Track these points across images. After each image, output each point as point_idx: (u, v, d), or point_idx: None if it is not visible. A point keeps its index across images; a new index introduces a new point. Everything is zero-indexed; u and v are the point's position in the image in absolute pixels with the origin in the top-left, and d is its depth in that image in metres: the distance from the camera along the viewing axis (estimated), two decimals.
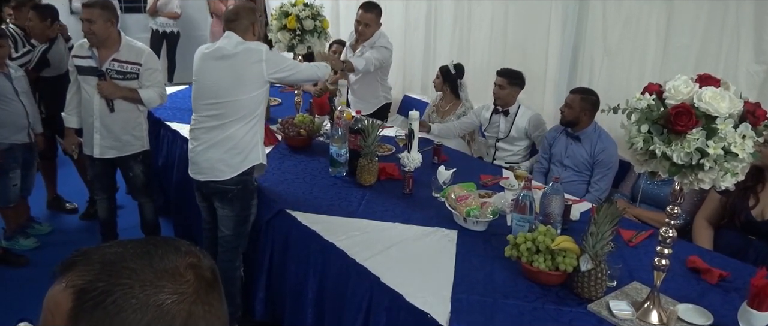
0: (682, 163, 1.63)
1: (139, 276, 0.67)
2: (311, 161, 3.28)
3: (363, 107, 4.23)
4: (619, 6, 3.59)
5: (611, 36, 3.66)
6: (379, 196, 2.84)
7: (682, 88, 1.66)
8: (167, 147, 3.83)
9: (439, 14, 4.91)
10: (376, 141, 2.92)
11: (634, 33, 3.54)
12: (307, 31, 3.49)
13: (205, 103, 2.64)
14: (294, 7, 3.51)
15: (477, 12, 4.57)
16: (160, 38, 7.38)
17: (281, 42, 3.54)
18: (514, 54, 4.30)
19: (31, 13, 3.90)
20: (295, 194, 2.82)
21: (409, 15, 5.15)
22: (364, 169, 2.92)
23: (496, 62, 4.45)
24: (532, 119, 3.83)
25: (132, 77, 3.16)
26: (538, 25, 4.08)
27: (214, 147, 2.62)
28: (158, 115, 3.94)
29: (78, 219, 4.23)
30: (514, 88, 3.82)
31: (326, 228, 2.47)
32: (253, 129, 2.65)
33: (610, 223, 1.95)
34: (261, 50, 2.58)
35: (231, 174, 2.63)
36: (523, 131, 3.85)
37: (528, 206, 2.36)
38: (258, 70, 2.57)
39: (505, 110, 3.88)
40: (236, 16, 2.66)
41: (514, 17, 4.28)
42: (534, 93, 4.11)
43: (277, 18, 3.55)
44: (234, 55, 2.57)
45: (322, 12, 3.59)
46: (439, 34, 4.95)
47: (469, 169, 3.24)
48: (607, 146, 3.36)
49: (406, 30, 5.17)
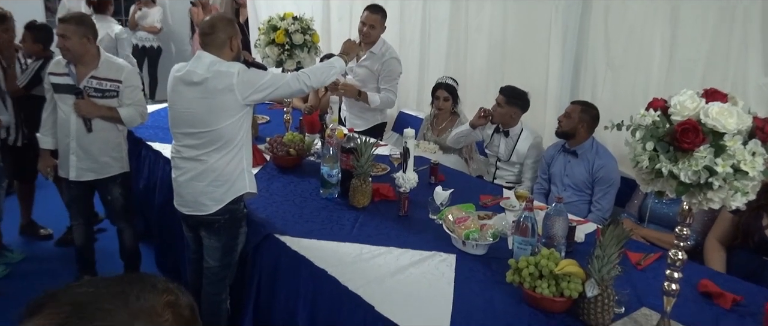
0: (690, 182, 1.64)
1: (114, 318, 0.66)
2: (301, 182, 3.28)
3: (357, 124, 4.24)
4: (623, 17, 3.62)
5: (614, 48, 3.69)
6: (372, 219, 2.83)
7: (688, 104, 1.67)
8: (149, 168, 3.82)
9: (434, 27, 4.94)
10: (369, 160, 2.92)
11: (639, 45, 3.57)
12: (297, 45, 3.51)
13: (180, 132, 2.58)
14: (283, 21, 3.53)
15: (474, 24, 4.60)
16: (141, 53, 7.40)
17: (269, 57, 3.55)
18: (513, 67, 4.33)
19: (25, 33, 3.93)
20: (284, 217, 2.81)
21: (404, 28, 5.18)
22: (357, 190, 2.92)
23: (493, 76, 4.49)
24: (534, 146, 3.83)
25: (111, 95, 3.16)
26: (538, 37, 4.11)
27: (195, 179, 2.56)
28: (139, 135, 3.93)
29: (53, 245, 4.20)
30: (513, 108, 3.80)
31: (317, 253, 2.46)
32: (237, 157, 2.57)
33: (616, 245, 1.95)
34: (231, 73, 2.44)
35: (216, 207, 2.57)
36: (523, 157, 3.86)
37: (530, 228, 2.36)
38: (230, 96, 2.45)
39: (505, 131, 3.89)
40: (212, 29, 2.53)
41: (512, 29, 4.31)
42: (534, 108, 4.11)
43: (265, 32, 3.56)
44: (204, 80, 2.45)
45: (312, 26, 3.61)
46: (434, 47, 4.98)
47: (468, 189, 3.24)
48: (605, 162, 3.38)
49: (400, 44, 5.19)
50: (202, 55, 2.53)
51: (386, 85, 4.15)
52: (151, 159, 3.79)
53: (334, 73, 2.88)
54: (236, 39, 2.61)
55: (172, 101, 2.59)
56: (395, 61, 4.16)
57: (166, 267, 3.70)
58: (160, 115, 4.41)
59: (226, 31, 2.55)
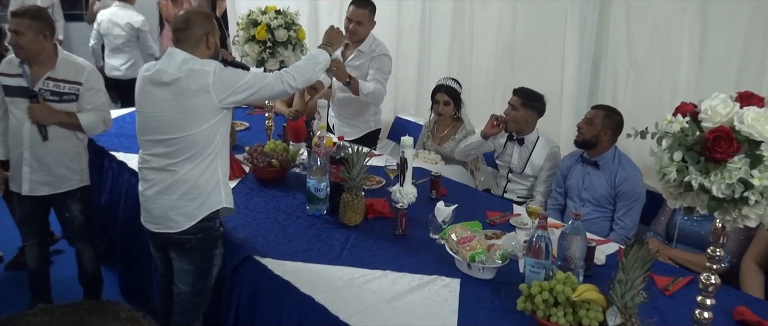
0: (724, 197, 1.64)
1: None
2: (285, 197, 3.28)
3: (348, 132, 4.25)
4: (646, 11, 3.65)
5: (638, 46, 3.72)
6: (366, 239, 2.83)
7: (720, 109, 1.68)
8: (112, 181, 3.81)
9: (436, 22, 4.97)
10: (362, 172, 2.92)
11: (664, 42, 3.59)
12: (280, 42, 3.51)
13: (149, 139, 2.58)
14: (264, 15, 3.53)
15: (480, 19, 4.62)
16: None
17: (249, 56, 3.55)
18: (525, 68, 4.35)
19: None
20: (266, 237, 2.80)
21: (402, 23, 5.20)
22: (349, 206, 2.92)
23: (502, 77, 4.51)
24: (550, 157, 3.84)
25: (70, 99, 3.16)
26: (552, 34, 4.13)
27: (165, 192, 2.56)
28: (101, 144, 3.93)
29: (3, 269, 4.18)
30: (529, 111, 3.83)
31: (303, 278, 2.45)
32: (212, 166, 2.57)
33: (641, 268, 1.95)
34: (207, 72, 2.46)
35: (188, 224, 2.57)
36: (538, 169, 3.87)
37: (544, 249, 2.35)
38: (205, 98, 2.47)
39: (519, 138, 3.90)
40: (186, 24, 2.55)
41: (523, 25, 4.34)
42: (549, 113, 4.13)
43: (244, 28, 3.57)
44: (176, 80, 2.46)
45: (297, 20, 3.62)
46: (436, 45, 5.01)
47: (474, 205, 3.25)
48: (629, 174, 3.39)
49: (397, 41, 5.21)
50: (174, 52, 2.55)
51: (377, 76, 4.10)
52: (115, 171, 3.78)
53: (320, 68, 2.91)
54: (214, 35, 2.62)
55: (140, 104, 2.60)
56: (386, 58, 4.17)
57: (132, 292, 3.68)
58: (126, 121, 4.41)
59: (202, 27, 2.57)
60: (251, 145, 3.63)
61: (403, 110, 5.37)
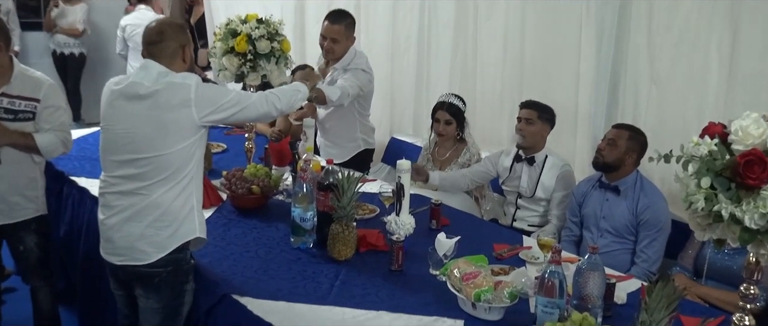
0: (757, 228, 1.65)
1: None
2: (266, 228, 3.27)
3: (336, 154, 4.25)
4: (670, 20, 3.68)
5: (660, 59, 3.74)
6: (358, 275, 2.82)
7: (752, 130, 1.69)
8: (72, 211, 3.80)
9: (436, 32, 4.99)
10: (353, 200, 2.92)
11: (690, 55, 3.62)
12: (262, 55, 3.53)
13: (117, 160, 2.58)
14: (244, 25, 3.55)
15: (485, 29, 4.65)
16: (60, 62, 7.41)
17: (227, 70, 3.57)
18: (534, 82, 4.38)
19: None
20: (245, 273, 2.79)
21: (398, 33, 5.22)
22: (338, 239, 2.91)
23: (510, 93, 4.53)
24: (562, 177, 3.85)
25: (26, 117, 3.16)
26: (566, 45, 4.16)
27: (132, 219, 2.56)
28: (60, 168, 3.92)
29: None
30: (545, 125, 3.87)
31: (287, 319, 2.44)
32: (186, 191, 2.59)
33: (666, 308, 1.95)
34: (188, 86, 2.52)
35: (157, 256, 2.57)
36: (550, 191, 3.88)
37: (557, 286, 2.35)
38: (186, 114, 2.50)
39: (530, 157, 3.91)
40: (160, 36, 2.60)
41: (533, 35, 4.36)
42: (563, 133, 4.15)
43: (222, 39, 3.59)
44: (153, 93, 2.50)
45: (281, 30, 3.64)
46: (436, 56, 5.03)
47: (479, 237, 3.25)
48: (653, 201, 3.40)
49: (393, 53, 5.24)
50: (149, 64, 2.59)
51: (343, 80, 4.07)
52: (76, 198, 3.77)
53: (301, 97, 3.02)
54: (189, 48, 2.68)
55: (109, 121, 2.62)
56: (360, 72, 4.15)
57: None
58: (88, 143, 4.41)
59: (177, 39, 2.62)
60: (229, 170, 3.63)
61: (400, 130, 5.37)
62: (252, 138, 3.90)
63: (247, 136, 3.90)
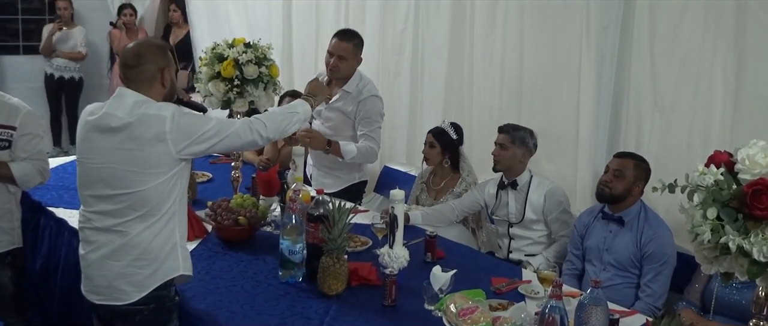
0: (766, 261, 1.65)
1: None
2: (253, 261, 3.26)
3: (328, 184, 4.24)
4: (674, 43, 3.70)
5: (663, 84, 3.77)
6: (349, 311, 2.81)
7: (759, 158, 1.70)
8: (49, 243, 3.78)
9: (430, 56, 5.01)
10: (345, 232, 2.92)
11: (695, 80, 3.64)
12: (250, 80, 3.54)
13: (93, 195, 2.56)
14: (231, 49, 3.57)
15: (480, 53, 4.66)
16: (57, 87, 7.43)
17: (213, 96, 3.57)
18: (533, 108, 4.39)
19: None
20: (231, 309, 2.78)
21: (388, 57, 5.23)
22: (329, 272, 2.90)
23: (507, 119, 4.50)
24: (550, 194, 3.86)
25: (2, 146, 3.16)
26: (565, 70, 4.18)
27: (111, 257, 2.53)
28: (37, 198, 3.91)
29: None
30: (521, 149, 3.88)
31: None
32: (167, 228, 2.55)
33: None
34: (163, 118, 2.45)
35: (138, 295, 2.54)
36: (540, 210, 3.89)
37: (558, 322, 2.35)
38: (161, 148, 2.46)
39: (512, 181, 3.92)
40: (138, 59, 2.54)
41: (532, 59, 4.38)
42: (563, 161, 4.16)
43: (209, 63, 3.60)
44: (126, 126, 2.45)
45: (269, 55, 3.65)
46: (428, 83, 5.04)
47: (476, 270, 3.24)
48: (657, 232, 3.40)
49: (384, 77, 5.25)
50: (124, 93, 2.54)
51: (365, 130, 4.13)
52: (53, 230, 3.75)
53: (297, 120, 2.92)
54: (170, 71, 2.63)
55: (83, 154, 2.59)
56: (376, 100, 4.18)
57: None
58: (67, 172, 4.40)
59: (155, 62, 2.57)
60: (215, 200, 3.63)
61: (392, 159, 5.36)
62: (238, 167, 3.90)
63: (234, 165, 3.90)
